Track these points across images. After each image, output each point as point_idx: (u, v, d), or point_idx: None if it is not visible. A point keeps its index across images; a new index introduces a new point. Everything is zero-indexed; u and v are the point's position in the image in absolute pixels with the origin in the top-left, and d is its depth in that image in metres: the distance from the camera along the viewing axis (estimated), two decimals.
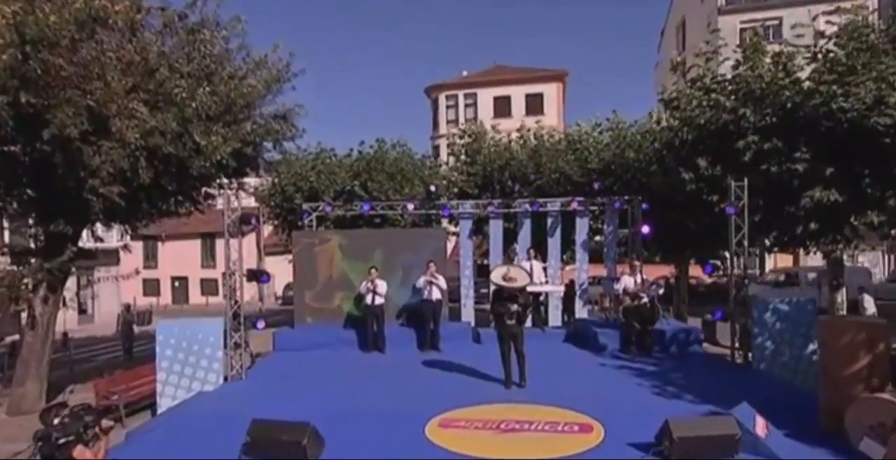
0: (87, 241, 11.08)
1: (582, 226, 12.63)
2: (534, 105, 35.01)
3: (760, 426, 5.33)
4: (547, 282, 12.02)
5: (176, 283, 35.65)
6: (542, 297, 12.29)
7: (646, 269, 11.06)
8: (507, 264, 9.92)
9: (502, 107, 35.31)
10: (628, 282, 10.20)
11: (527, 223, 12.72)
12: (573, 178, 14.99)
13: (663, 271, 20.62)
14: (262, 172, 13.02)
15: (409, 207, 13.28)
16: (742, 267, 9.62)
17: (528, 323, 9.65)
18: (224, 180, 10.75)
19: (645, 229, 11.77)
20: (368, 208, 13.29)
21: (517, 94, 35.73)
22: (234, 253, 9.08)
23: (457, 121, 33.54)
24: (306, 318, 11.68)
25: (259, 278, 10.18)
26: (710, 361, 9.84)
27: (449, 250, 15.01)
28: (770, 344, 8.39)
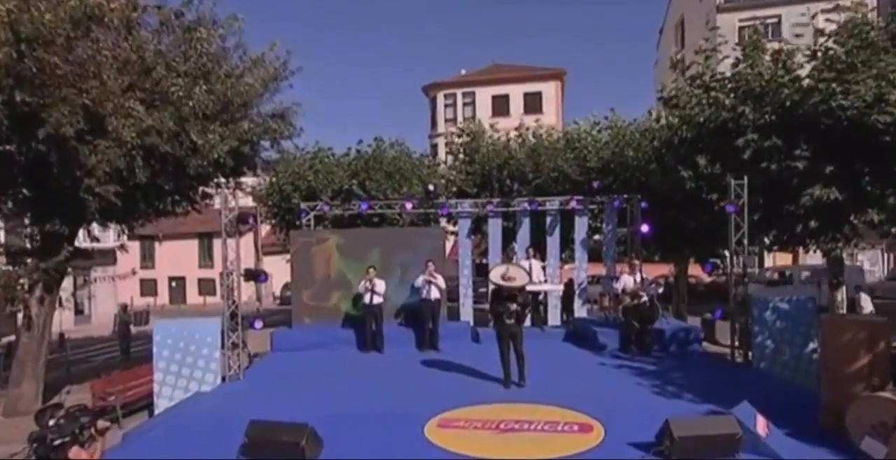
0: (83, 241, 11.03)
1: (581, 225, 12.60)
2: (532, 104, 34.98)
3: (761, 425, 5.30)
4: (546, 281, 11.99)
5: (173, 283, 35.58)
6: (542, 297, 12.27)
7: (645, 268, 11.03)
8: (506, 263, 9.89)
9: (501, 105, 35.29)
10: (628, 280, 10.17)
11: (526, 222, 12.69)
12: (572, 177, 14.96)
13: (662, 270, 20.61)
14: (260, 172, 12.98)
15: (408, 206, 13.24)
16: (742, 265, 9.59)
17: (528, 322, 9.62)
18: (221, 179, 10.71)
19: (644, 228, 11.75)
20: (366, 207, 13.25)
21: (515, 92, 35.70)
22: (232, 252, 9.03)
23: (455, 120, 33.51)
24: (304, 318, 11.63)
25: (257, 278, 10.11)
26: (710, 360, 9.81)
27: (448, 249, 14.99)
28: (770, 342, 8.36)
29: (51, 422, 4.40)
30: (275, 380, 8.60)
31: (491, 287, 7.95)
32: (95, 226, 10.77)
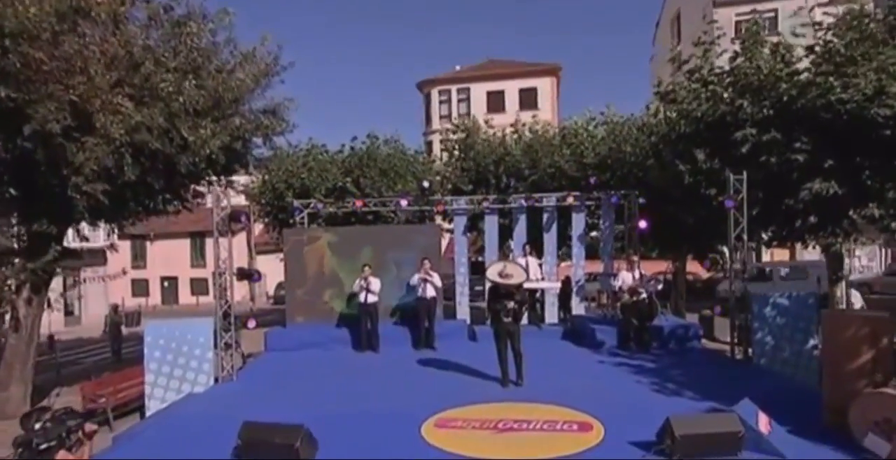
0: (72, 241, 10.87)
1: (578, 222, 12.52)
2: (527, 99, 34.91)
3: (763, 423, 5.23)
4: (543, 278, 11.92)
5: (165, 283, 35.31)
6: (539, 294, 12.18)
7: (643, 265, 10.97)
8: (502, 261, 9.79)
9: (496, 101, 35.18)
10: (627, 277, 10.12)
11: (522, 219, 12.60)
12: (568, 173, 14.87)
13: (660, 266, 20.54)
14: (253, 169, 12.85)
15: (403, 204, 13.13)
16: (741, 261, 9.52)
17: (525, 320, 9.53)
18: (213, 177, 10.58)
19: (642, 224, 11.67)
20: (361, 205, 13.11)
21: (511, 88, 35.60)
22: (224, 252, 8.90)
23: (450, 116, 33.33)
24: (298, 317, 11.52)
25: (250, 277, 10.02)
26: (709, 357, 9.76)
27: (443, 247, 14.89)
28: (770, 339, 8.33)
29: (37, 426, 4.31)
30: (269, 381, 8.51)
31: (488, 285, 7.85)
32: (84, 226, 10.62)
